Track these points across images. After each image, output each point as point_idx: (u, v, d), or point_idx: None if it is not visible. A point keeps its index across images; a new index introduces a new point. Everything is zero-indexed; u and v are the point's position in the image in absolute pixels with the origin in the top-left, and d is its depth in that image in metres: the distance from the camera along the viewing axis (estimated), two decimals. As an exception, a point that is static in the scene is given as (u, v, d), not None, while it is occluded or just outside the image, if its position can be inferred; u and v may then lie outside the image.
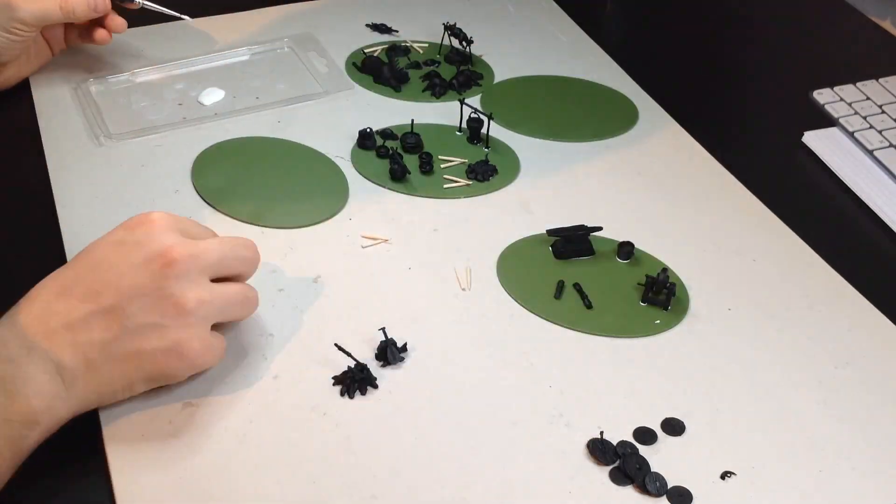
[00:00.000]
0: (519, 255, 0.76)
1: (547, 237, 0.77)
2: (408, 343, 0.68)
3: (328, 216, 0.79)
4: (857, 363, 0.69)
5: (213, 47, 0.98)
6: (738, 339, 0.70)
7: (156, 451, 0.60)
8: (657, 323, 0.71)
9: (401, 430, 0.63)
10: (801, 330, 0.71)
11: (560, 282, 0.74)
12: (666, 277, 0.72)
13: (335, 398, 0.64)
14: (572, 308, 0.72)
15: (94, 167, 0.82)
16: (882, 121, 0.91)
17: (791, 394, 0.67)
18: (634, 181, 0.85)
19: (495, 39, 1.03)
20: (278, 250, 0.75)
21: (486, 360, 0.68)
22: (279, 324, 0.69)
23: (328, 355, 0.67)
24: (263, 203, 0.79)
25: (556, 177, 0.85)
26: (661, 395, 0.66)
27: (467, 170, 0.84)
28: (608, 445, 0.62)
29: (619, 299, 0.73)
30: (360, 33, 1.03)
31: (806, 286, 0.75)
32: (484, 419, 0.63)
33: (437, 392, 0.65)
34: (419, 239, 0.77)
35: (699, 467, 0.61)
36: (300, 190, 0.81)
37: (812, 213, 0.83)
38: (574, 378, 0.67)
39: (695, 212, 0.82)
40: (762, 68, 1.04)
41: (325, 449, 0.61)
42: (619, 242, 0.77)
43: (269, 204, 0.79)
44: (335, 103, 0.92)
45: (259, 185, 0.81)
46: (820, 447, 0.63)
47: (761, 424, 0.64)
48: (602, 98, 0.96)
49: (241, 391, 0.64)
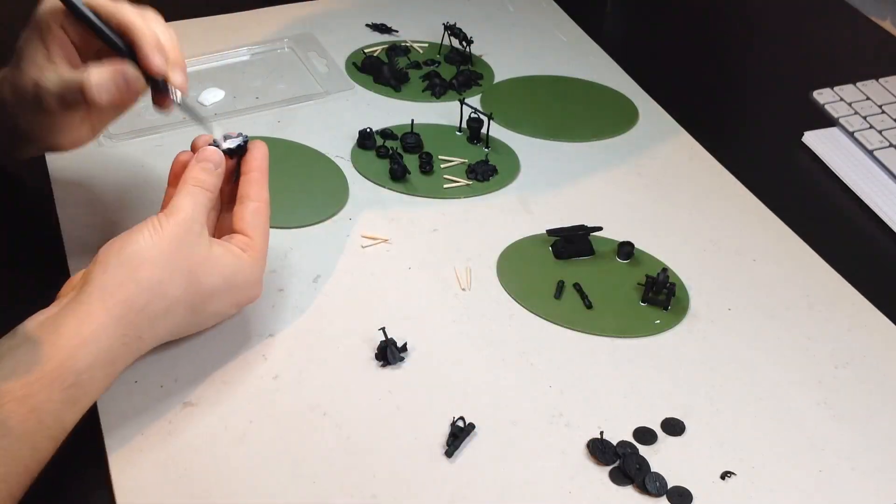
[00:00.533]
0: (519, 255, 0.76)
1: (547, 237, 0.77)
2: (408, 343, 0.68)
3: (328, 216, 0.79)
4: (857, 363, 0.69)
5: (213, 47, 0.98)
6: (738, 339, 0.70)
7: (156, 451, 0.60)
8: (657, 323, 0.71)
9: (401, 429, 0.63)
10: (801, 330, 0.71)
11: (560, 282, 0.74)
12: (666, 277, 0.72)
13: (335, 398, 0.64)
14: (572, 308, 0.72)
15: (95, 167, 0.82)
16: (882, 121, 0.91)
17: (791, 394, 0.67)
18: (634, 181, 0.85)
19: (495, 39, 1.03)
20: (278, 250, 0.75)
21: (486, 360, 0.68)
22: (279, 324, 0.69)
23: (328, 355, 0.67)
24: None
25: (556, 177, 0.85)
26: (661, 395, 0.66)
27: (467, 170, 0.84)
28: (608, 445, 0.62)
29: (619, 299, 0.73)
30: (360, 33, 1.03)
31: (806, 286, 0.75)
32: (484, 419, 0.63)
33: (437, 392, 0.65)
34: (419, 239, 0.77)
35: (699, 467, 0.61)
36: (300, 190, 0.81)
37: (812, 213, 0.83)
38: (574, 378, 0.67)
39: (695, 212, 0.82)
40: (762, 68, 1.04)
41: (325, 449, 0.61)
42: (619, 242, 0.77)
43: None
44: (335, 104, 0.92)
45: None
46: (820, 447, 0.63)
47: (761, 424, 0.64)
48: (602, 98, 0.96)
49: (241, 391, 0.64)
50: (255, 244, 0.66)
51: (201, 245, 0.63)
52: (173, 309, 0.62)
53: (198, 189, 0.64)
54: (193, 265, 0.62)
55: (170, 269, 0.61)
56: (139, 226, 0.62)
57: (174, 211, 0.62)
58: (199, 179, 0.64)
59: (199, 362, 0.66)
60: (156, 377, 0.65)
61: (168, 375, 0.65)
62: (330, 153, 0.85)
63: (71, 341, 0.57)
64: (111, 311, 0.58)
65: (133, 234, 0.61)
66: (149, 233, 0.61)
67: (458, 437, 0.61)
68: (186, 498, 0.58)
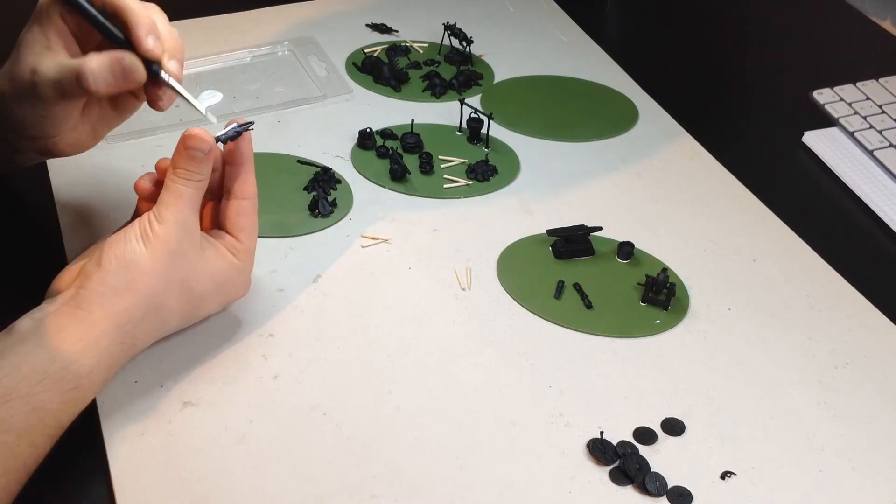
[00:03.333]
0: (519, 255, 0.76)
1: (547, 237, 0.77)
2: (408, 343, 0.68)
3: (331, 223, 0.79)
4: (857, 363, 0.69)
5: (214, 48, 0.98)
6: (738, 339, 0.70)
7: (156, 451, 0.60)
8: (657, 323, 0.71)
9: (401, 429, 0.63)
10: (801, 330, 0.71)
11: (560, 282, 0.74)
12: (666, 277, 0.72)
13: (335, 398, 0.64)
14: (572, 308, 0.72)
15: (94, 168, 0.82)
16: (882, 121, 0.91)
17: (791, 394, 0.67)
18: (634, 181, 0.85)
19: (495, 39, 1.03)
20: (278, 250, 0.75)
21: (486, 360, 0.68)
22: (279, 324, 0.69)
23: (328, 355, 0.67)
24: (267, 213, 0.77)
25: (556, 177, 0.85)
26: (660, 394, 0.66)
27: (467, 170, 0.84)
28: (608, 445, 0.62)
29: (619, 299, 0.73)
30: (361, 32, 1.03)
31: (806, 286, 0.75)
32: (484, 419, 0.63)
33: (437, 392, 0.65)
34: (419, 239, 0.77)
35: (699, 467, 0.61)
36: (300, 199, 0.81)
37: (812, 213, 0.84)
38: (574, 378, 0.67)
39: (695, 212, 0.82)
40: (762, 68, 1.04)
41: (325, 449, 0.61)
42: (619, 242, 0.77)
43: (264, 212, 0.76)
44: (335, 106, 0.92)
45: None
46: (820, 447, 0.63)
47: (761, 424, 0.64)
48: (602, 98, 0.96)
49: (241, 391, 0.64)
50: (243, 247, 0.66)
51: (193, 250, 0.63)
52: (167, 317, 0.63)
53: (187, 186, 0.63)
54: (187, 274, 0.63)
55: (165, 281, 0.61)
56: (133, 226, 0.62)
57: (165, 214, 0.62)
58: (188, 172, 0.63)
59: (199, 362, 0.66)
60: (156, 377, 0.65)
61: (168, 375, 0.65)
62: (330, 153, 0.85)
63: (75, 346, 0.57)
64: (111, 320, 0.59)
65: (130, 239, 0.61)
66: (144, 240, 0.61)
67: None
68: (187, 498, 0.58)
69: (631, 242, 0.77)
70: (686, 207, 0.82)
